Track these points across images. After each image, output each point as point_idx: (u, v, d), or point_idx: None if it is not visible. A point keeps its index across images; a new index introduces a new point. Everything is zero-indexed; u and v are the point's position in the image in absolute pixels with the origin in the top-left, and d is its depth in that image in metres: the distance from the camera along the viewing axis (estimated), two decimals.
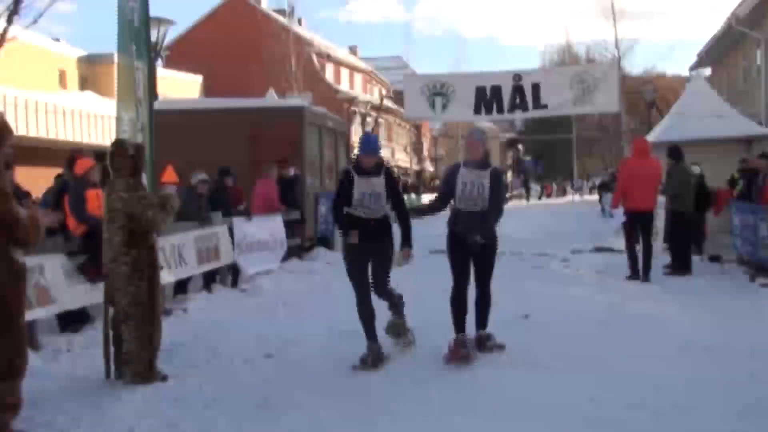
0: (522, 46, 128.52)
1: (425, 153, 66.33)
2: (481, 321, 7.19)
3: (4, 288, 4.76)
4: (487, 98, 17.54)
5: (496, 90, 17.47)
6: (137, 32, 9.73)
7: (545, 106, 17.84)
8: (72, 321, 8.21)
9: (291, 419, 5.32)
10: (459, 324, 7.04)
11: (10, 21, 11.65)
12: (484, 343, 7.11)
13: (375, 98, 49.28)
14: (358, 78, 54.12)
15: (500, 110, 17.80)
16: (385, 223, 6.98)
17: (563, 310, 8.99)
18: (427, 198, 39.18)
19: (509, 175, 74.81)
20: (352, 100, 46.82)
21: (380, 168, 6.93)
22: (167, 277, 9.14)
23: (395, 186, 7.07)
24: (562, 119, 49.05)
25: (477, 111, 17.86)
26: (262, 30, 40.20)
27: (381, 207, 6.90)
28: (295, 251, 14.39)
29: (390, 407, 5.53)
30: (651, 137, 16.50)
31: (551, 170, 72.87)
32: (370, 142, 7.04)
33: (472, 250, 6.98)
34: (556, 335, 7.69)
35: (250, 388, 6.09)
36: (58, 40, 29.44)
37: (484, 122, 55.63)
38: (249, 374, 6.55)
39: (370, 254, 6.92)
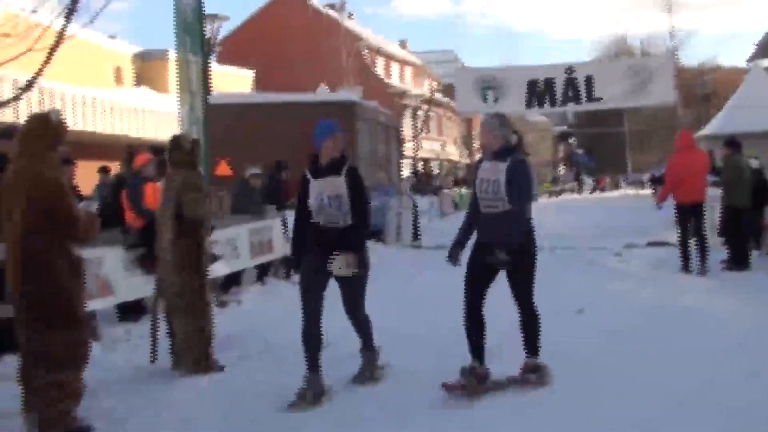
0: (572, 39, 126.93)
1: (476, 146, 66.03)
2: (526, 345, 5.96)
3: (64, 282, 4.90)
4: (539, 91, 17.37)
5: (549, 83, 17.29)
6: (192, 28, 9.90)
7: (599, 99, 17.61)
8: (130, 312, 8.40)
9: (338, 413, 5.35)
10: (472, 349, 5.90)
11: (68, 19, 11.87)
12: (526, 372, 5.90)
13: (425, 92, 49.16)
14: (409, 72, 54.05)
15: (552, 103, 17.63)
16: (353, 232, 5.83)
17: (616, 305, 8.88)
18: None
19: (561, 168, 74.11)
20: (402, 94, 46.79)
21: (340, 165, 5.84)
22: (221, 269, 9.27)
23: (359, 188, 5.89)
24: (614, 112, 48.38)
25: (529, 104, 17.72)
26: (313, 25, 40.43)
27: (344, 214, 5.79)
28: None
29: None
30: (707, 130, 16.21)
31: (604, 164, 71.94)
32: (322, 126, 5.90)
33: (498, 264, 5.76)
34: (609, 330, 7.60)
35: (301, 380, 6.14)
36: (114, 37, 29.98)
37: (536, 115, 55.16)
38: (300, 366, 6.60)
39: (331, 273, 5.81)
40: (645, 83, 17.17)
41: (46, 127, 5.03)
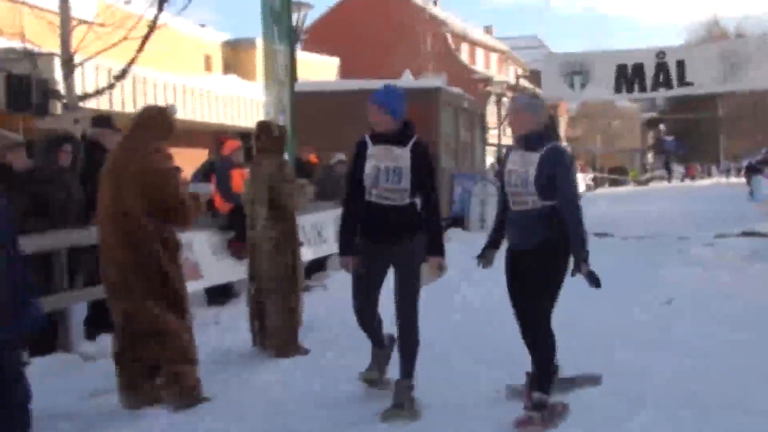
0: (662, 25, 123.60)
1: (561, 133, 65.04)
2: (534, 373, 4.91)
3: (164, 264, 5.08)
4: (628, 76, 16.98)
5: (638, 68, 16.88)
6: (279, 17, 10.03)
7: (691, 84, 17.10)
8: (218, 295, 8.60)
9: (424, 395, 5.37)
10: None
11: (160, 8, 12.18)
12: (530, 408, 4.82)
13: (510, 78, 48.65)
14: (494, 58, 53.55)
15: (642, 89, 17.20)
16: (411, 215, 5.11)
17: (706, 296, 8.64)
18: None
19: (649, 156, 72.27)
20: (487, 81, 46.42)
21: (407, 136, 5.10)
22: (307, 254, 9.41)
23: (427, 166, 5.12)
24: (706, 98, 46.91)
25: (617, 90, 17.34)
26: (397, 12, 40.41)
27: (401, 191, 5.03)
28: None
29: None
30: None
31: (695, 151, 69.90)
32: (374, 93, 5.15)
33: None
34: (699, 321, 7.40)
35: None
36: (204, 25, 30.60)
37: (624, 101, 53.97)
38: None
39: (388, 261, 5.13)
40: (740, 66, 16.59)
41: (162, 119, 5.25)
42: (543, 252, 4.78)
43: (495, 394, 5.36)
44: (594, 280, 4.81)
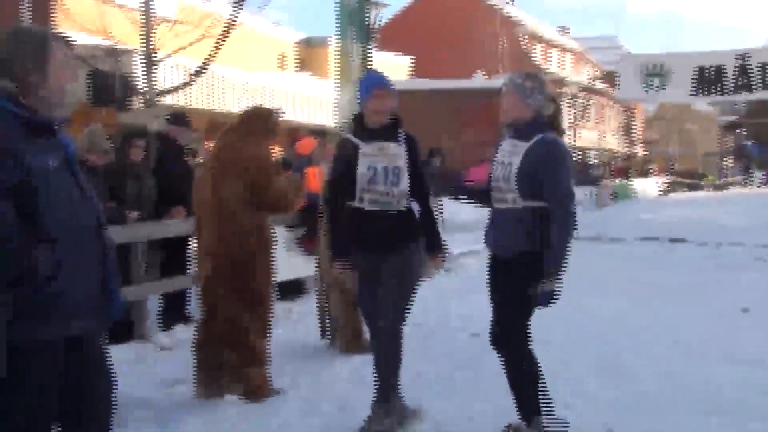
0: (742, 27, 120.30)
1: (637, 136, 63.83)
2: (516, 403, 4.36)
3: (256, 262, 5.23)
4: (707, 78, 16.61)
5: (719, 70, 16.49)
6: (354, 16, 10.10)
7: None
8: (289, 291, 8.72)
9: (483, 398, 5.35)
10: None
11: (237, 8, 12.43)
12: None
13: (585, 79, 47.95)
14: (568, 58, 52.86)
15: (722, 91, 16.79)
16: (408, 221, 4.57)
17: None
18: (638, 183, 37.78)
19: (728, 160, 70.33)
20: (561, 82, 45.87)
21: (398, 129, 4.59)
22: None
23: (419, 164, 4.69)
24: None
25: (696, 92, 16.97)
26: (471, 11, 40.24)
27: (399, 195, 4.49)
28: None
29: None
30: None
31: None
32: (374, 78, 4.72)
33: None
34: None
35: (452, 363, 6.19)
36: (279, 24, 31.02)
37: (702, 104, 52.67)
38: (450, 349, 6.65)
39: (382, 269, 4.54)
40: None
41: (268, 119, 5.40)
42: (522, 265, 4.15)
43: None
44: (548, 301, 4.17)
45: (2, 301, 2.43)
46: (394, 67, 32.83)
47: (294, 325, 7.62)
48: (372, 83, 4.58)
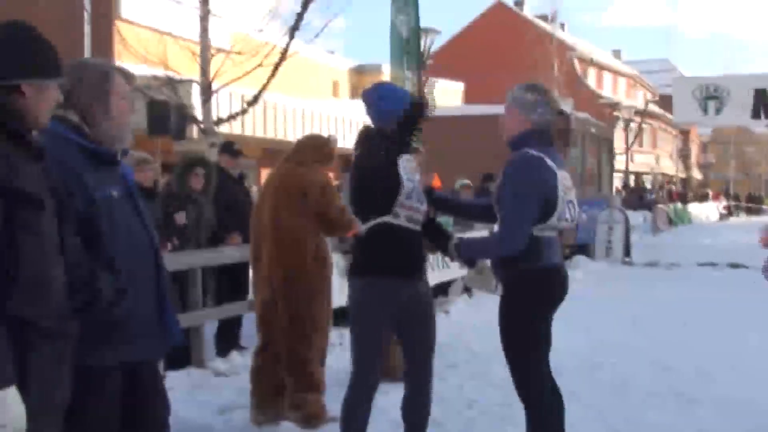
0: None
1: (693, 160, 62.81)
2: None
3: (314, 288, 5.29)
4: (766, 101, 16.30)
5: None
6: (407, 43, 10.18)
7: None
8: (344, 317, 8.74)
9: None
10: None
11: (291, 37, 12.61)
12: None
13: (639, 103, 47.44)
14: (622, 82, 52.41)
15: None
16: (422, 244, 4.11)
17: None
18: (694, 207, 37.10)
19: None
20: (614, 106, 45.40)
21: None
22: (431, 279, 9.43)
23: None
24: None
25: (755, 115, 16.62)
26: (524, 36, 40.15)
27: (424, 212, 4.06)
28: None
29: None
30: None
31: None
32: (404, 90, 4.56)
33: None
34: None
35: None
36: (332, 52, 31.39)
37: (762, 127, 51.64)
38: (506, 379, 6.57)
39: (403, 307, 4.01)
40: None
41: (324, 146, 5.47)
42: (503, 295, 3.89)
43: None
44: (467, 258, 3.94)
45: (70, 328, 2.50)
46: (447, 93, 32.93)
47: (347, 351, 7.62)
48: (406, 94, 4.30)
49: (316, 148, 5.46)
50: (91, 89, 2.86)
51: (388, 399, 5.97)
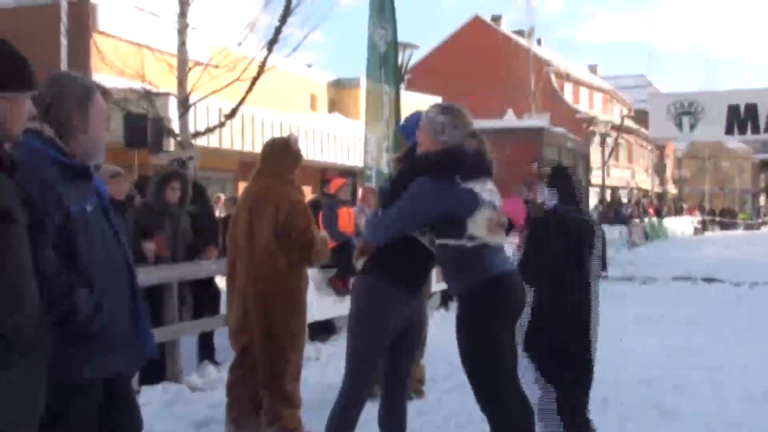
0: None
1: (668, 174, 63.37)
2: None
3: (288, 304, 5.25)
4: (740, 117, 16.50)
5: (751, 108, 16.38)
6: (385, 57, 10.18)
7: None
8: (320, 331, 8.71)
9: None
10: None
11: (270, 50, 12.60)
12: None
13: (615, 118, 47.85)
14: (598, 97, 52.85)
15: (755, 130, 16.67)
16: None
17: None
18: (669, 222, 37.41)
19: (762, 199, 69.53)
20: (591, 120, 45.80)
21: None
22: None
23: None
24: None
25: (729, 130, 16.87)
26: (501, 51, 40.43)
27: None
28: None
29: None
30: None
31: None
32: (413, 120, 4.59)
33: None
34: None
35: None
36: (310, 66, 31.38)
37: (735, 142, 52.24)
38: None
39: (407, 318, 4.12)
40: None
41: (287, 151, 5.37)
42: (458, 311, 3.94)
43: None
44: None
45: (44, 342, 2.47)
46: (424, 107, 33.00)
47: (323, 366, 7.60)
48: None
49: (282, 156, 5.35)
50: (72, 103, 2.86)
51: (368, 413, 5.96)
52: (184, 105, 12.23)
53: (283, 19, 12.36)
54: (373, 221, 3.98)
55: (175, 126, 12.64)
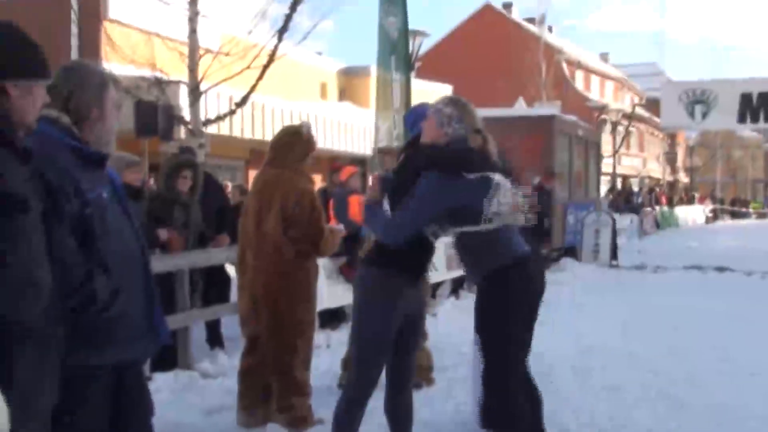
0: None
1: (679, 163, 63.11)
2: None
3: (298, 293, 5.26)
4: (753, 105, 16.41)
5: (765, 96, 16.28)
6: (395, 45, 10.16)
7: None
8: (330, 319, 8.73)
9: None
10: None
11: (280, 39, 12.58)
12: None
13: (626, 106, 47.64)
14: (609, 85, 52.62)
15: None
16: None
17: None
18: (681, 210, 37.29)
19: None
20: (602, 109, 45.59)
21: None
22: None
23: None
24: None
25: (741, 119, 16.78)
26: (512, 39, 40.27)
27: None
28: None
29: None
30: None
31: None
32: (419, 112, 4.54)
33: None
34: None
35: None
36: (320, 54, 31.31)
37: (747, 131, 51.94)
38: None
39: (411, 305, 4.12)
40: None
41: (298, 139, 5.36)
42: (477, 297, 4.04)
43: None
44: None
45: (57, 331, 2.49)
46: (434, 95, 32.95)
47: (334, 354, 7.61)
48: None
49: (293, 141, 5.35)
50: (92, 93, 2.89)
51: (375, 401, 5.98)
52: (194, 93, 12.23)
53: (294, 7, 12.34)
54: (387, 222, 3.96)
55: (186, 114, 12.65)
